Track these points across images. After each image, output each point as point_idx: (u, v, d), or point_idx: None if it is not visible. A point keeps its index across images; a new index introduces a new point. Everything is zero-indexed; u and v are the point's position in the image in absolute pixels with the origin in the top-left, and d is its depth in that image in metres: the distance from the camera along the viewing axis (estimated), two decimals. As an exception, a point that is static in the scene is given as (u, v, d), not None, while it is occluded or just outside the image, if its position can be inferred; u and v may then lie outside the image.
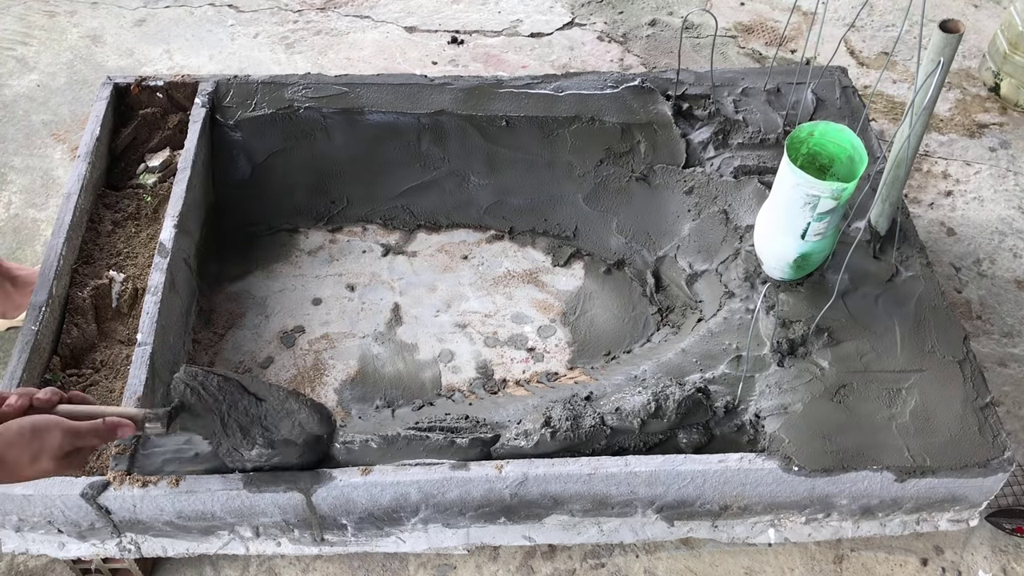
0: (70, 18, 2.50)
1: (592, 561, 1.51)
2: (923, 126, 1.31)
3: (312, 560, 1.50)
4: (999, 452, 1.29)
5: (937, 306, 1.45)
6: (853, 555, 1.53)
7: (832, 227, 1.38)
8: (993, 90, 2.32)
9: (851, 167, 1.37)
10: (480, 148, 1.75)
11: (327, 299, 1.71)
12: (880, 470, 1.28)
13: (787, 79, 1.79)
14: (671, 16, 2.56)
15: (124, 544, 1.34)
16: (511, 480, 1.27)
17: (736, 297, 1.51)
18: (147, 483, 1.24)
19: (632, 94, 1.75)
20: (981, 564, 1.52)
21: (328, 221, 1.81)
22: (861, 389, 1.35)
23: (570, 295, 1.72)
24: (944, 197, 2.08)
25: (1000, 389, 1.74)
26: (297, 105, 1.72)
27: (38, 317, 1.40)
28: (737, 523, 1.40)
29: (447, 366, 1.61)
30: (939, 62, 1.20)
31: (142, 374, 1.34)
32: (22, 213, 2.02)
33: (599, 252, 1.76)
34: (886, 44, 2.47)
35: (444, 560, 1.50)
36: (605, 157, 1.74)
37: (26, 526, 1.30)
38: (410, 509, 1.31)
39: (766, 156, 1.66)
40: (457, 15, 2.55)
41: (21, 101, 2.27)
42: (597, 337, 1.65)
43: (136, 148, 1.77)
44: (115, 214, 1.66)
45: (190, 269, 1.60)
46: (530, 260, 1.78)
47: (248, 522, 1.32)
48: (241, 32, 2.48)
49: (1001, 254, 1.97)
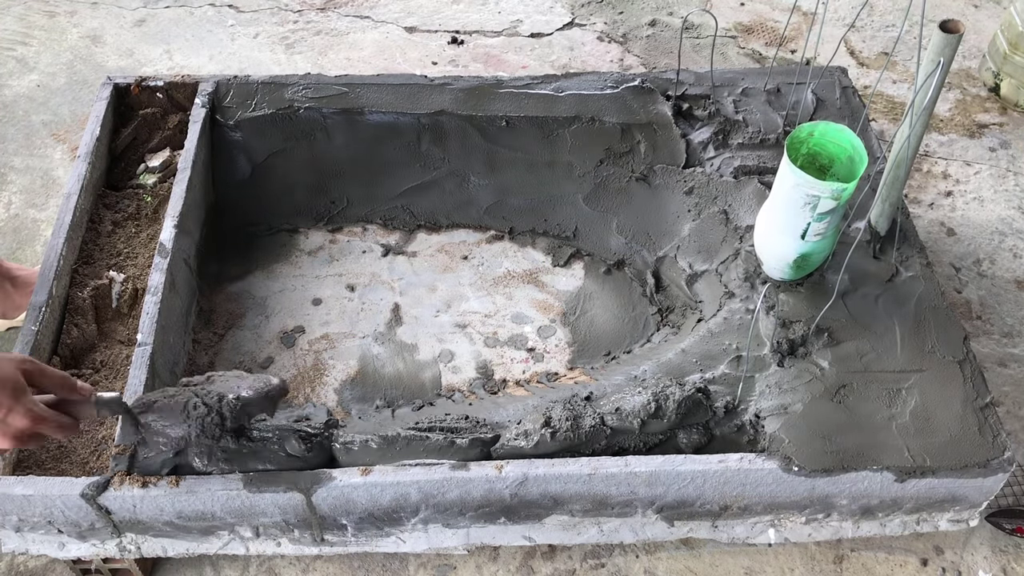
0: (70, 18, 2.50)
1: (592, 561, 1.51)
2: (923, 126, 1.31)
3: (312, 560, 1.50)
4: (999, 452, 1.29)
5: (937, 306, 1.45)
6: (853, 555, 1.53)
7: (832, 227, 1.38)
8: (993, 90, 2.32)
9: (851, 167, 1.37)
10: (480, 148, 1.75)
11: (327, 299, 1.71)
12: (880, 470, 1.28)
13: (787, 79, 1.79)
14: (671, 16, 2.56)
15: (124, 544, 1.34)
16: (511, 480, 1.27)
17: (736, 297, 1.51)
18: (147, 483, 1.24)
19: (632, 94, 1.75)
20: (981, 564, 1.52)
21: (328, 221, 1.81)
22: (861, 389, 1.35)
23: (570, 295, 1.72)
24: (944, 197, 2.08)
25: (1000, 389, 1.74)
26: (297, 105, 1.72)
27: (38, 317, 1.40)
28: (737, 523, 1.40)
29: (447, 366, 1.61)
30: (939, 62, 1.20)
31: (142, 374, 1.34)
32: (22, 213, 2.02)
33: (599, 252, 1.76)
34: (886, 44, 2.47)
35: (444, 560, 1.50)
36: (605, 157, 1.74)
37: (26, 526, 1.30)
38: (410, 509, 1.31)
39: (766, 156, 1.66)
40: (457, 15, 2.55)
41: (21, 101, 2.27)
42: (597, 337, 1.65)
43: (136, 148, 1.77)
44: (115, 214, 1.66)
45: (190, 269, 1.60)
46: (530, 260, 1.78)
47: (248, 522, 1.32)
48: (241, 32, 2.48)
49: (1001, 254, 1.97)
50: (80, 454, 1.34)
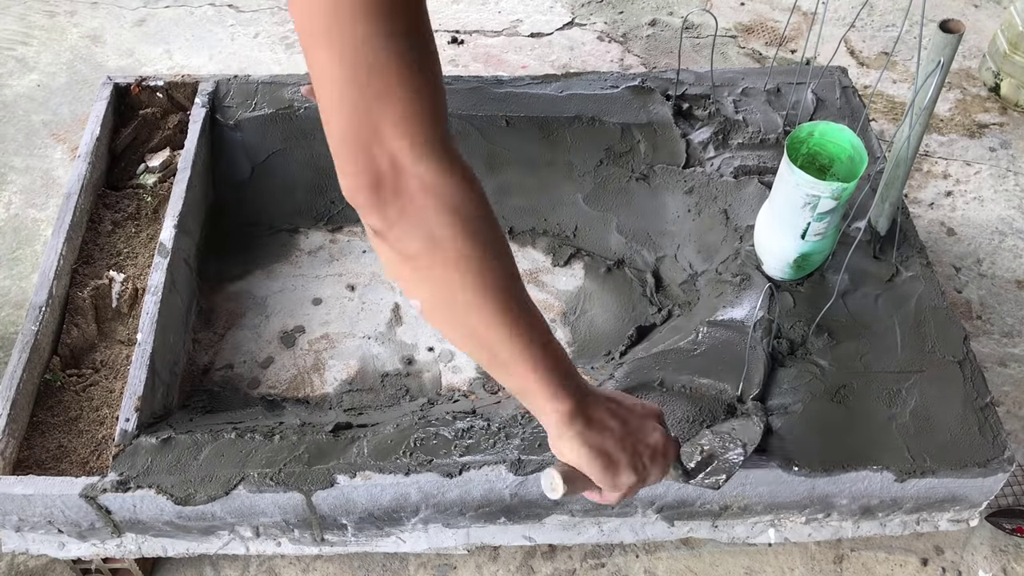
0: (70, 18, 2.50)
1: (592, 561, 1.51)
2: (923, 126, 1.31)
3: (312, 560, 1.50)
4: (999, 452, 1.29)
5: (937, 306, 1.45)
6: (853, 555, 1.53)
7: (832, 227, 1.38)
8: (993, 90, 2.32)
9: (851, 167, 1.37)
10: (480, 148, 1.75)
11: (327, 299, 1.71)
12: (880, 470, 1.28)
13: (787, 79, 1.79)
14: (671, 16, 2.56)
15: (124, 544, 1.34)
16: (511, 480, 1.27)
17: (736, 297, 1.51)
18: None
19: (632, 94, 1.75)
20: (981, 564, 1.52)
21: (328, 221, 1.81)
22: (861, 389, 1.35)
23: (570, 295, 1.72)
24: (944, 197, 2.08)
25: (1000, 389, 1.74)
26: (297, 105, 1.72)
27: (38, 317, 1.40)
28: (737, 523, 1.40)
29: (447, 366, 1.61)
30: (939, 62, 1.20)
31: (142, 374, 1.34)
32: (22, 213, 2.02)
33: (599, 252, 1.76)
34: (886, 44, 2.47)
35: (444, 560, 1.50)
36: (605, 157, 1.74)
37: (26, 526, 1.30)
38: (410, 509, 1.31)
39: (766, 156, 1.66)
40: (457, 15, 2.55)
41: (21, 101, 2.27)
42: (597, 337, 1.65)
43: (136, 148, 1.77)
44: (115, 214, 1.66)
45: (190, 269, 1.60)
46: (530, 260, 1.78)
47: (248, 522, 1.32)
48: (241, 32, 2.48)
49: (1001, 254, 1.97)
50: (80, 454, 1.34)
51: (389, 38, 0.76)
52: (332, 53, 0.77)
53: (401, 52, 0.77)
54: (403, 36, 0.77)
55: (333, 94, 0.78)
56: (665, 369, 1.40)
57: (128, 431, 1.29)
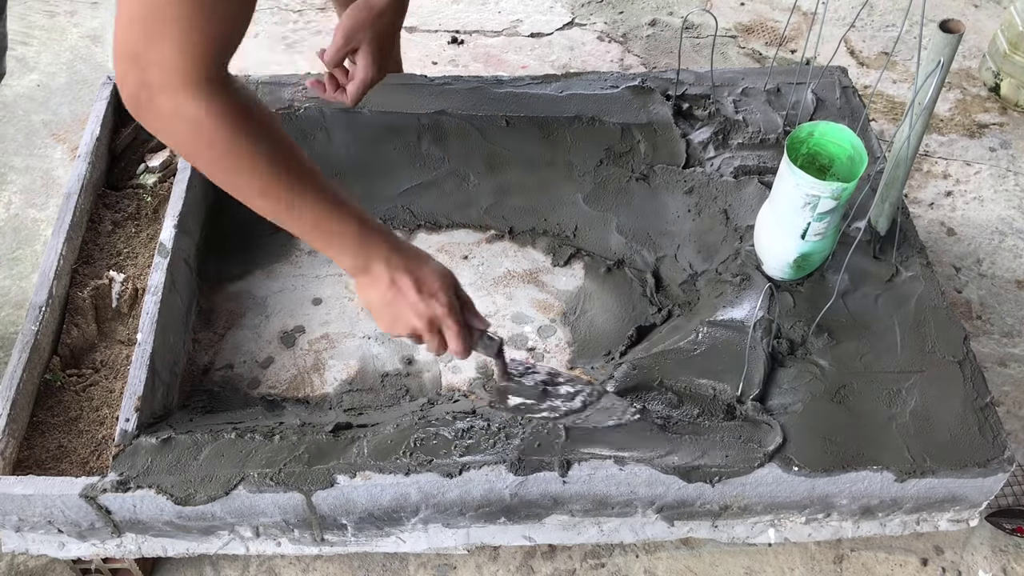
0: (70, 18, 2.50)
1: (592, 561, 1.51)
2: (923, 126, 1.31)
3: (312, 560, 1.50)
4: (999, 452, 1.29)
5: (937, 306, 1.45)
6: (853, 555, 1.53)
7: (832, 227, 1.38)
8: (993, 90, 2.32)
9: (851, 167, 1.37)
10: (480, 148, 1.75)
11: (327, 299, 1.71)
12: (880, 470, 1.28)
13: (787, 79, 1.79)
14: (671, 16, 2.56)
15: (124, 544, 1.34)
16: (511, 480, 1.27)
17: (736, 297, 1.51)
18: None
19: (632, 94, 1.75)
20: (981, 564, 1.53)
21: (328, 221, 1.80)
22: (861, 389, 1.35)
23: (570, 295, 1.72)
24: (944, 197, 2.08)
25: (1000, 389, 1.74)
26: (297, 105, 1.72)
27: (38, 317, 1.40)
28: (737, 523, 1.40)
29: (447, 366, 1.61)
30: (939, 62, 1.20)
31: (142, 374, 1.34)
32: (22, 213, 2.02)
33: (599, 252, 1.76)
34: (886, 44, 2.47)
35: (444, 560, 1.50)
36: (605, 157, 1.74)
37: (26, 526, 1.30)
38: (410, 509, 1.31)
39: (766, 156, 1.66)
40: (457, 15, 2.55)
41: (21, 101, 2.27)
42: (597, 337, 1.65)
43: (136, 148, 1.77)
44: (115, 214, 1.66)
45: (190, 269, 1.60)
46: (530, 260, 1.78)
47: (248, 522, 1.32)
48: (241, 32, 2.47)
49: (1001, 254, 1.97)
50: (80, 454, 1.34)
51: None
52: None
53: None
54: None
55: (121, 11, 0.89)
56: (665, 369, 1.40)
57: (128, 431, 1.29)
